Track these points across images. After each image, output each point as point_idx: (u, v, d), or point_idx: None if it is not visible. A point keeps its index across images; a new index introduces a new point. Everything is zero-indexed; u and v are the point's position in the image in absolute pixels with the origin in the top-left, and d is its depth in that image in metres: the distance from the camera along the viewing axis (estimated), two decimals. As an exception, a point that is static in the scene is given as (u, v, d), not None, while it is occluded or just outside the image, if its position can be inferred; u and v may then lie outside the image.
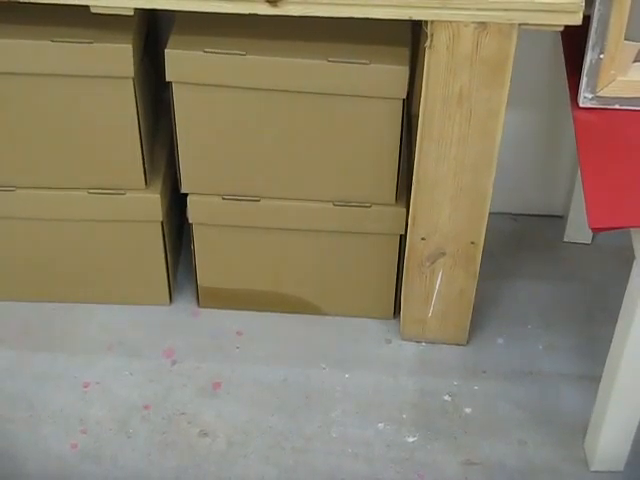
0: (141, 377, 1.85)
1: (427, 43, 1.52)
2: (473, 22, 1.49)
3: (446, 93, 1.56)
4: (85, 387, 1.83)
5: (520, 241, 2.12)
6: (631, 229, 1.50)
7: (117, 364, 1.87)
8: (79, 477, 1.71)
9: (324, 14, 1.49)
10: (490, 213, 1.93)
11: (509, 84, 1.56)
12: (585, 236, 2.09)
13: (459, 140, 1.61)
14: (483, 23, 1.49)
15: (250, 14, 1.50)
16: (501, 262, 2.06)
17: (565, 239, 2.11)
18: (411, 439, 1.77)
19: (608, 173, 1.53)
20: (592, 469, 1.72)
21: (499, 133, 1.61)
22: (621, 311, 1.57)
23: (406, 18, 1.49)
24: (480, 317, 1.95)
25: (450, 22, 1.49)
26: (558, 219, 2.14)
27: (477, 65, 1.53)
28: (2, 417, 1.78)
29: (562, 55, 1.71)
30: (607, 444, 1.69)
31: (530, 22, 1.48)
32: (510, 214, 2.16)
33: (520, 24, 1.49)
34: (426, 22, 1.50)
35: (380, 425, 1.79)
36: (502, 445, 1.76)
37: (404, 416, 1.80)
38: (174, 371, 1.86)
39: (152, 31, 1.78)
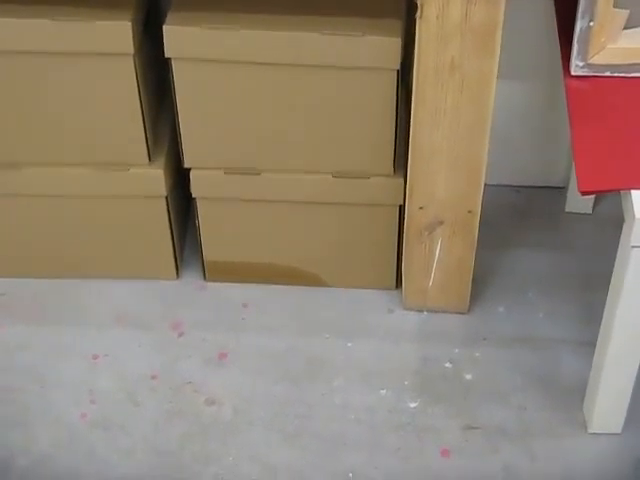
0: (148, 349, 1.89)
1: (418, 13, 1.55)
2: (462, -9, 1.52)
3: (438, 62, 1.59)
4: (94, 359, 1.88)
5: (522, 212, 2.14)
6: (621, 192, 1.53)
7: (125, 336, 1.91)
8: (89, 445, 1.75)
9: (316, -13, 1.53)
10: (493, 185, 1.97)
11: (499, 52, 1.58)
12: (586, 206, 2.12)
13: (452, 109, 1.64)
14: (471, -8, 1.52)
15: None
16: (503, 233, 2.09)
17: (567, 209, 2.13)
18: (412, 405, 1.81)
19: (598, 139, 1.56)
20: (590, 431, 1.75)
21: (491, 101, 1.64)
22: (613, 274, 1.59)
23: (396, -11, 1.52)
24: (482, 286, 1.98)
25: (439, -8, 1.52)
26: (560, 190, 2.16)
27: (467, 34, 1.56)
28: (15, 388, 1.83)
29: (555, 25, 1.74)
30: (604, 407, 1.72)
31: (518, -10, 1.52)
32: (512, 186, 2.18)
33: (508, -8, 1.52)
34: (416, -7, 1.54)
35: (382, 392, 1.83)
36: (502, 410, 1.79)
37: (406, 383, 1.84)
38: (181, 342, 1.90)
39: (154, 9, 1.82)
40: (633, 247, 1.49)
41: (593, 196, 2.11)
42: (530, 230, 2.10)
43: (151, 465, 1.73)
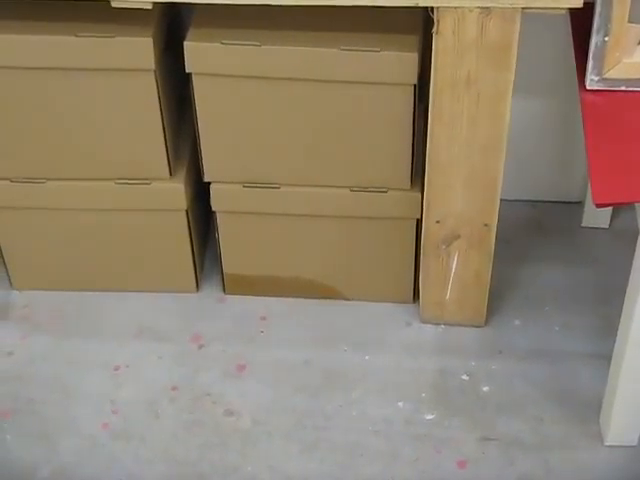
0: (169, 360, 1.92)
1: (434, 29, 1.57)
2: (477, 7, 1.54)
3: (454, 77, 1.62)
4: (116, 370, 1.90)
5: (539, 227, 2.16)
6: (636, 206, 1.54)
7: (146, 348, 1.94)
8: (110, 455, 1.78)
9: (335, 3, 1.55)
10: (509, 200, 1.98)
11: (515, 67, 1.60)
12: (603, 221, 2.14)
13: (469, 123, 1.67)
14: (487, 8, 1.54)
15: (263, 5, 1.57)
16: (520, 247, 2.11)
17: (583, 224, 2.15)
18: (429, 416, 1.82)
19: (613, 152, 1.57)
20: (606, 444, 1.76)
21: (507, 115, 1.66)
22: (628, 286, 1.61)
23: (412, 5, 1.54)
24: (499, 300, 1.99)
25: (455, 8, 1.54)
26: (576, 205, 2.18)
27: (483, 49, 1.58)
28: (37, 399, 1.86)
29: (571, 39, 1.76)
30: (620, 419, 1.73)
31: (532, 6, 1.53)
32: (529, 201, 2.20)
33: (523, 8, 1.54)
34: (432, 8, 1.56)
35: (399, 404, 1.84)
36: (518, 422, 1.81)
37: (423, 395, 1.85)
38: (200, 354, 1.93)
39: (175, 25, 1.85)
40: (647, 259, 1.51)
41: (610, 211, 2.13)
42: (547, 244, 2.12)
43: (171, 475, 1.75)
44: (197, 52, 1.69)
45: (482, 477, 1.74)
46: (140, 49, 1.68)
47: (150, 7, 1.58)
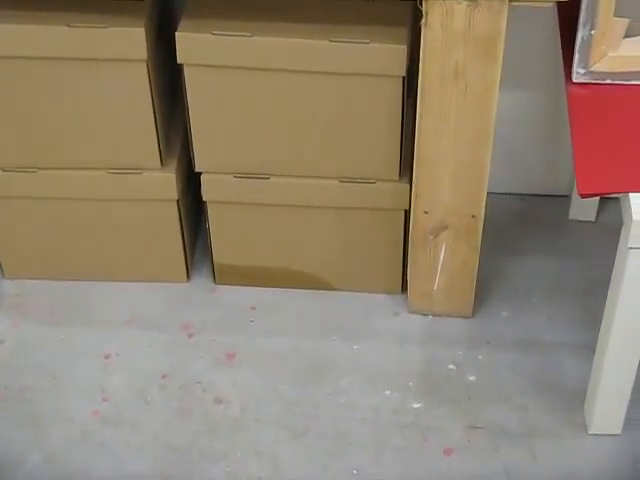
0: (159, 349, 1.94)
1: (422, 21, 1.59)
2: (465, 0, 1.56)
3: (442, 70, 1.63)
4: (106, 358, 1.92)
5: (526, 220, 2.18)
6: (621, 198, 1.57)
7: (136, 337, 1.95)
8: (100, 442, 1.79)
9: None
10: (498, 193, 2.00)
11: (502, 59, 1.62)
12: (589, 214, 2.16)
13: (457, 115, 1.68)
14: (475, 1, 1.56)
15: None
16: (508, 239, 2.13)
17: (570, 217, 2.17)
18: (417, 405, 1.84)
19: (597, 143, 1.60)
20: (590, 432, 1.78)
21: (494, 107, 1.68)
22: (612, 276, 1.63)
23: (401, -3, 1.57)
24: (486, 291, 2.01)
25: (443, 0, 1.56)
26: (564, 198, 2.20)
27: (471, 41, 1.60)
28: (29, 387, 1.87)
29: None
30: (604, 408, 1.75)
31: (520, -1, 1.56)
32: (517, 194, 2.22)
33: (510, 1, 1.56)
34: (421, 1, 1.57)
35: (387, 392, 1.86)
36: (504, 411, 1.83)
37: (410, 384, 1.87)
38: (191, 343, 1.94)
39: (167, 15, 1.86)
40: (630, 248, 1.53)
41: (596, 204, 2.15)
42: (534, 237, 2.14)
43: (161, 461, 1.76)
44: (188, 43, 1.71)
45: (468, 465, 1.76)
46: (132, 39, 1.70)
47: (142, -3, 1.61)
